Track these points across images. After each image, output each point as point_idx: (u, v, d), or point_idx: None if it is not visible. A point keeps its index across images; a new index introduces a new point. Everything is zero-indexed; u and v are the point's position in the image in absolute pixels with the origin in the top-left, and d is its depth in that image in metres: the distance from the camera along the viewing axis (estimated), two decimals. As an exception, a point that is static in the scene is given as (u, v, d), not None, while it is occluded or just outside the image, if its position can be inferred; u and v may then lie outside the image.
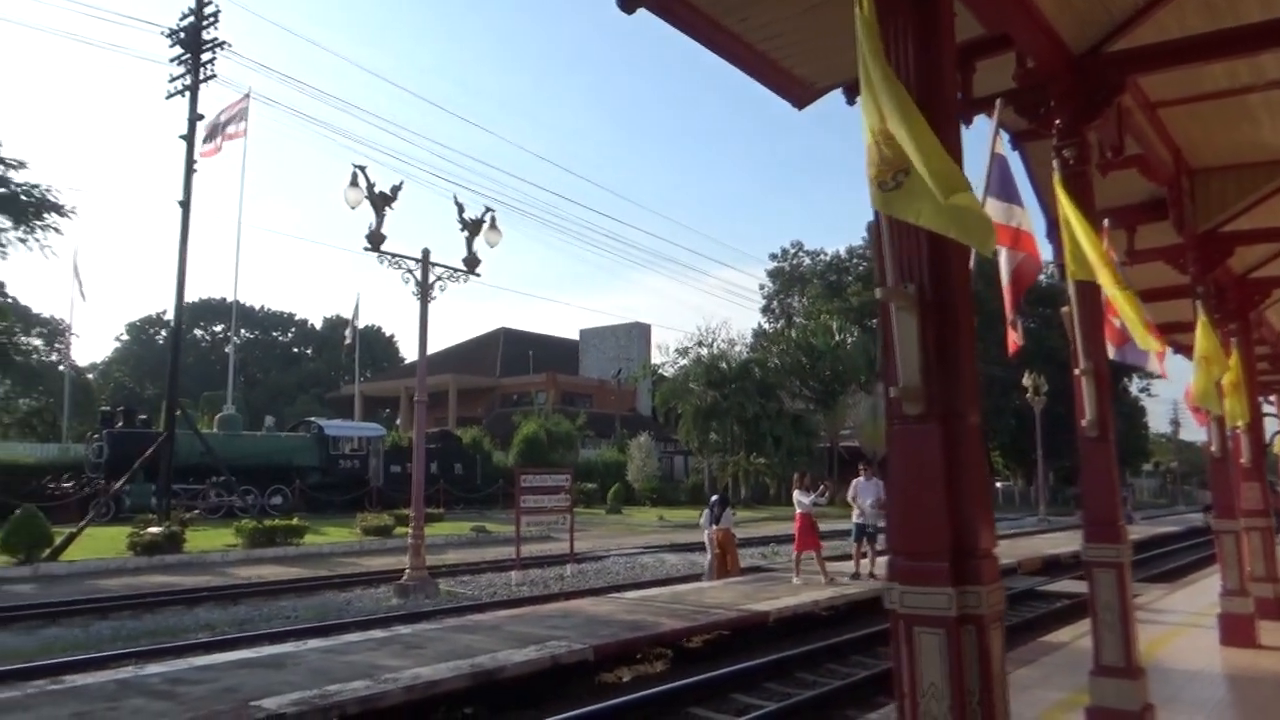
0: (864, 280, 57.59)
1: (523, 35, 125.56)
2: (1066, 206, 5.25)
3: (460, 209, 16.11)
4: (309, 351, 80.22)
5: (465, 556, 20.46)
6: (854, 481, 14.83)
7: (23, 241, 28.14)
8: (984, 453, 3.65)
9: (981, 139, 5.19)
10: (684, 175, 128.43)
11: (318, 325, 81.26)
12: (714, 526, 14.91)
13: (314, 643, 9.55)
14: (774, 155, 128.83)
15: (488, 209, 16.38)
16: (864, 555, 14.31)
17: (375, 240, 14.66)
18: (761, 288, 69.02)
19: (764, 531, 25.81)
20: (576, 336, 68.00)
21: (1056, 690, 6.76)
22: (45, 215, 28.42)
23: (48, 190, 28.33)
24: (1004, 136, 5.53)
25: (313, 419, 37.69)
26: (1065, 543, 21.04)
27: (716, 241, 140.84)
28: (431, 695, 7.54)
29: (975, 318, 3.74)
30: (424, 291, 15.46)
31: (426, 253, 15.57)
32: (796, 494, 14.58)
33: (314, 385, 70.30)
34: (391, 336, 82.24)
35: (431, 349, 16.46)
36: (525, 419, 44.30)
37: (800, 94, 5.62)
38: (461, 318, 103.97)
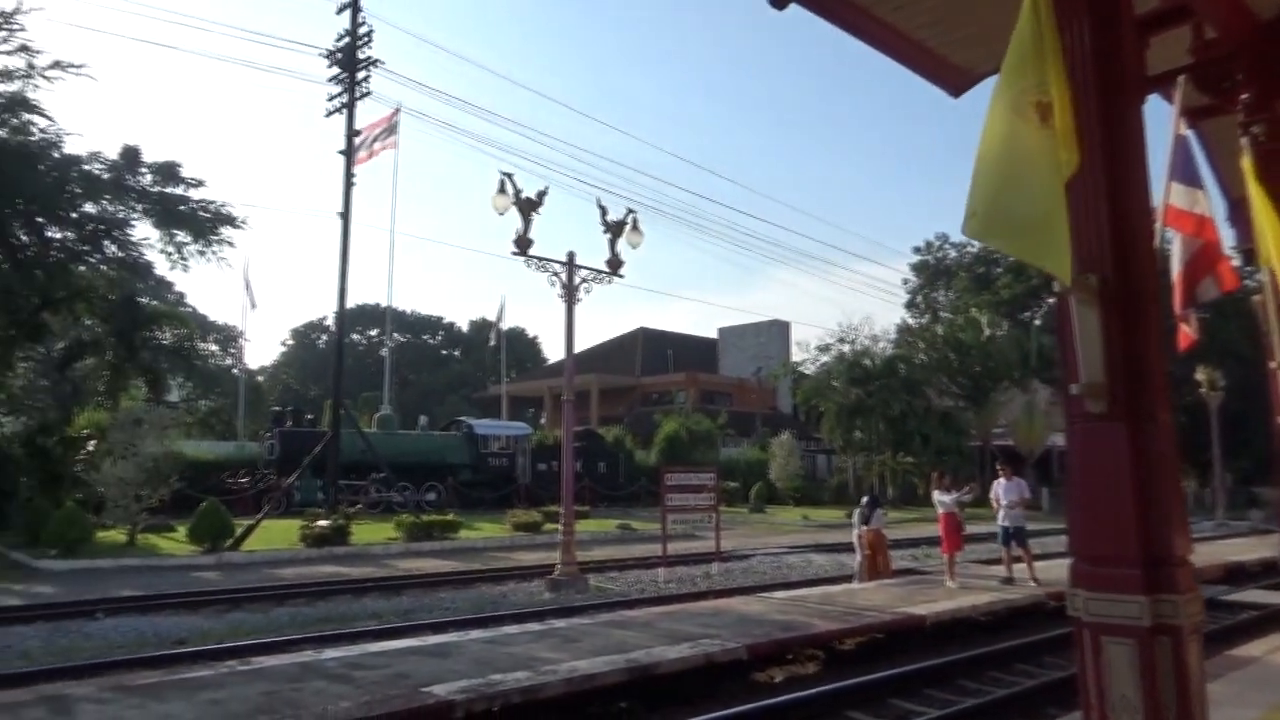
0: (1014, 273, 55.05)
1: (659, 34, 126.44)
2: (1255, 188, 4.86)
3: (603, 212, 16.35)
4: (457, 353, 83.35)
5: (612, 553, 20.79)
6: (995, 483, 14.21)
7: (201, 254, 30.45)
8: (1176, 453, 3.43)
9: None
10: (821, 167, 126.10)
11: (464, 328, 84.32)
12: (864, 527, 14.60)
13: (475, 633, 9.92)
14: (914, 143, 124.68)
15: (629, 210, 16.58)
16: (1016, 559, 13.69)
17: (523, 244, 15.08)
18: (905, 282, 67.15)
19: (914, 533, 25.07)
20: (715, 335, 67.94)
21: (1250, 708, 6.27)
22: (220, 229, 30.65)
23: (222, 206, 30.59)
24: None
25: (463, 418, 39.19)
26: (1249, 549, 19.50)
27: (856, 235, 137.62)
28: (588, 689, 7.71)
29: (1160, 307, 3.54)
30: (570, 294, 15.79)
31: (572, 255, 15.91)
32: (936, 494, 14.14)
33: (462, 386, 73.01)
34: (534, 338, 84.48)
35: (575, 349, 16.79)
36: (666, 418, 44.60)
37: (958, 81, 5.44)
38: (600, 318, 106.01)
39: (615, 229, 16.28)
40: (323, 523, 20.57)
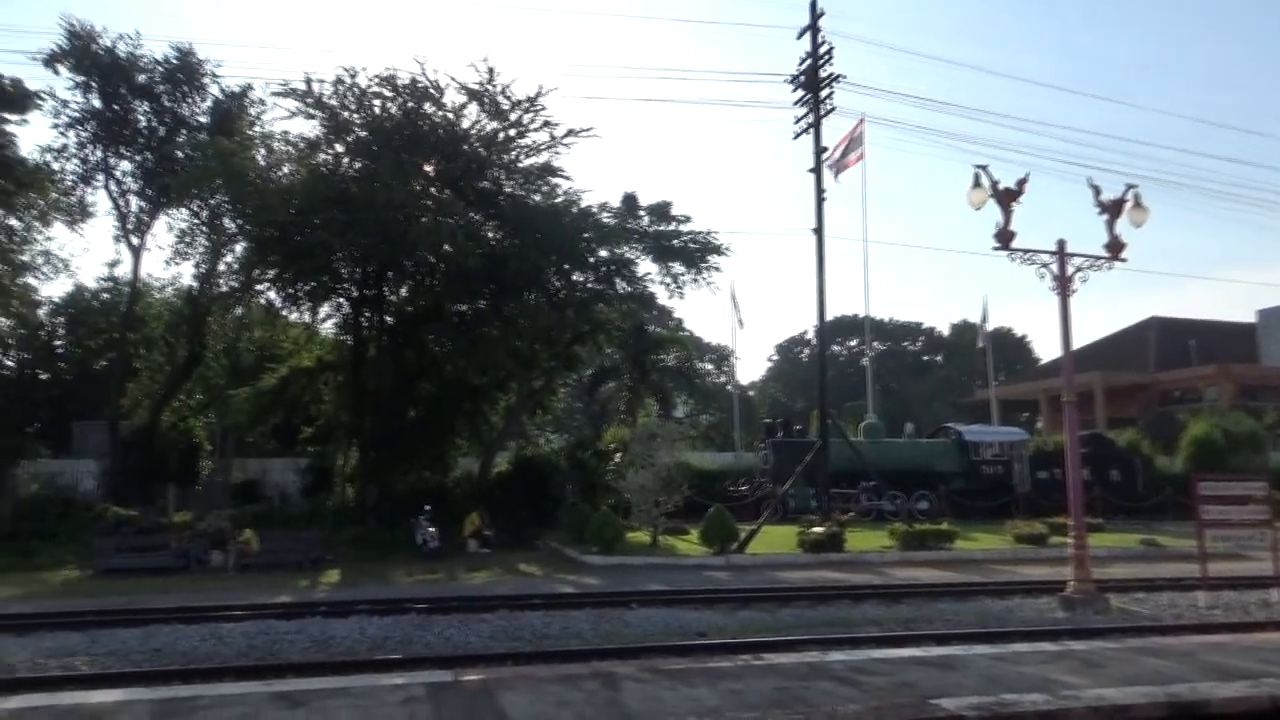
0: None
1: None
2: None
3: (1096, 191, 14.76)
4: (939, 359, 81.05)
5: (1134, 571, 18.51)
6: None
7: (694, 282, 33.49)
8: None
9: None
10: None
11: (945, 332, 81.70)
12: None
13: (979, 648, 9.44)
14: None
15: (1129, 186, 14.74)
16: None
17: (1004, 238, 14.18)
18: None
19: None
20: (1253, 319, 57.35)
21: None
22: (709, 258, 33.43)
23: (709, 236, 33.34)
24: None
25: (950, 425, 37.87)
26: None
27: None
28: (1119, 720, 6.88)
29: None
30: (1063, 285, 14.45)
31: (1062, 244, 14.55)
32: None
33: (946, 392, 70.71)
34: (1023, 337, 78.96)
35: (1072, 345, 15.27)
36: (1193, 418, 38.65)
37: None
38: (1100, 311, 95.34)
39: (1112, 209, 14.61)
40: (817, 529, 21.26)
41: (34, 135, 39.07)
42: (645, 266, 29.88)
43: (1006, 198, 14.26)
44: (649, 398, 32.93)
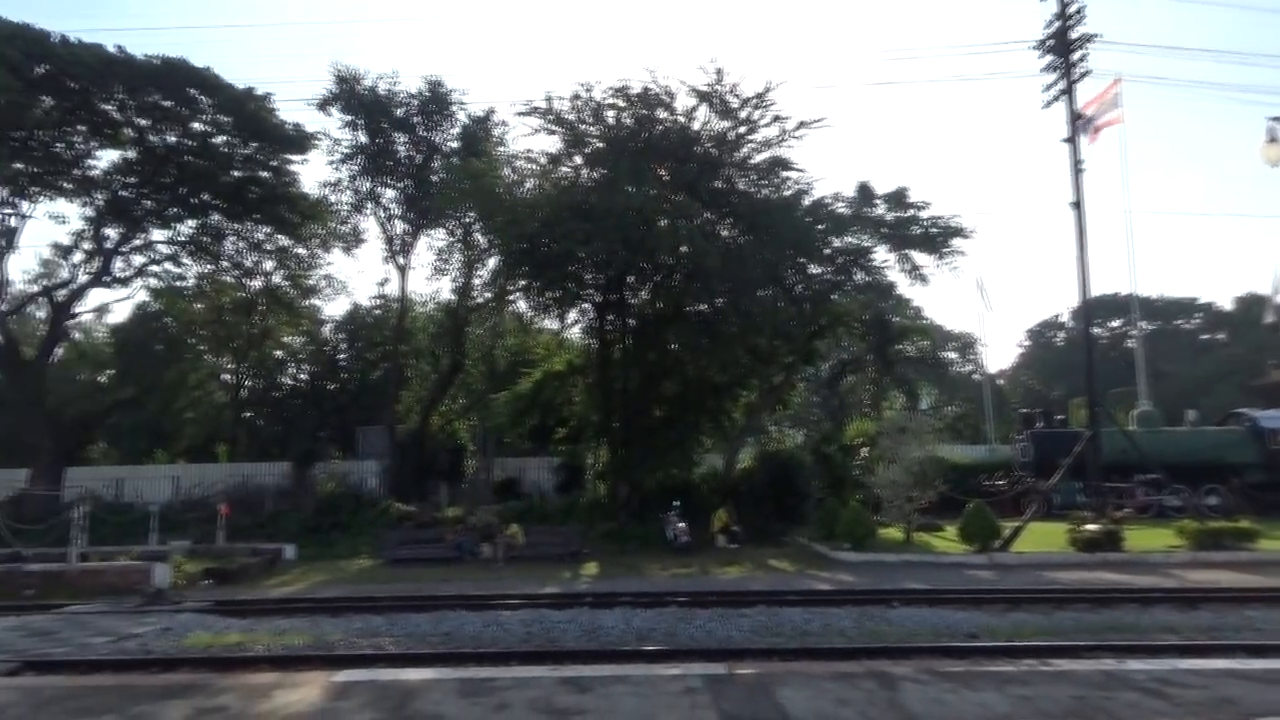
0: None
1: None
2: None
3: None
4: (1221, 337, 72.59)
5: None
6: None
7: (936, 268, 32.02)
8: None
9: None
10: None
11: (1228, 307, 73.09)
12: None
13: (1310, 662, 8.35)
14: None
15: None
16: None
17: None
18: None
19: None
20: None
21: None
22: (950, 242, 31.86)
23: (950, 220, 31.77)
24: None
25: (1243, 410, 33.79)
26: None
27: None
28: None
29: None
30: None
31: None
32: None
33: (1231, 373, 63.14)
34: (1325, 308, 69.06)
35: None
36: None
37: None
38: None
39: None
40: (1091, 527, 19.67)
41: (312, 172, 43.92)
42: (882, 255, 29.00)
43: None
44: (893, 390, 31.84)
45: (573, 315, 29.03)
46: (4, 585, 17.14)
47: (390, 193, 35.05)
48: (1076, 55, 26.35)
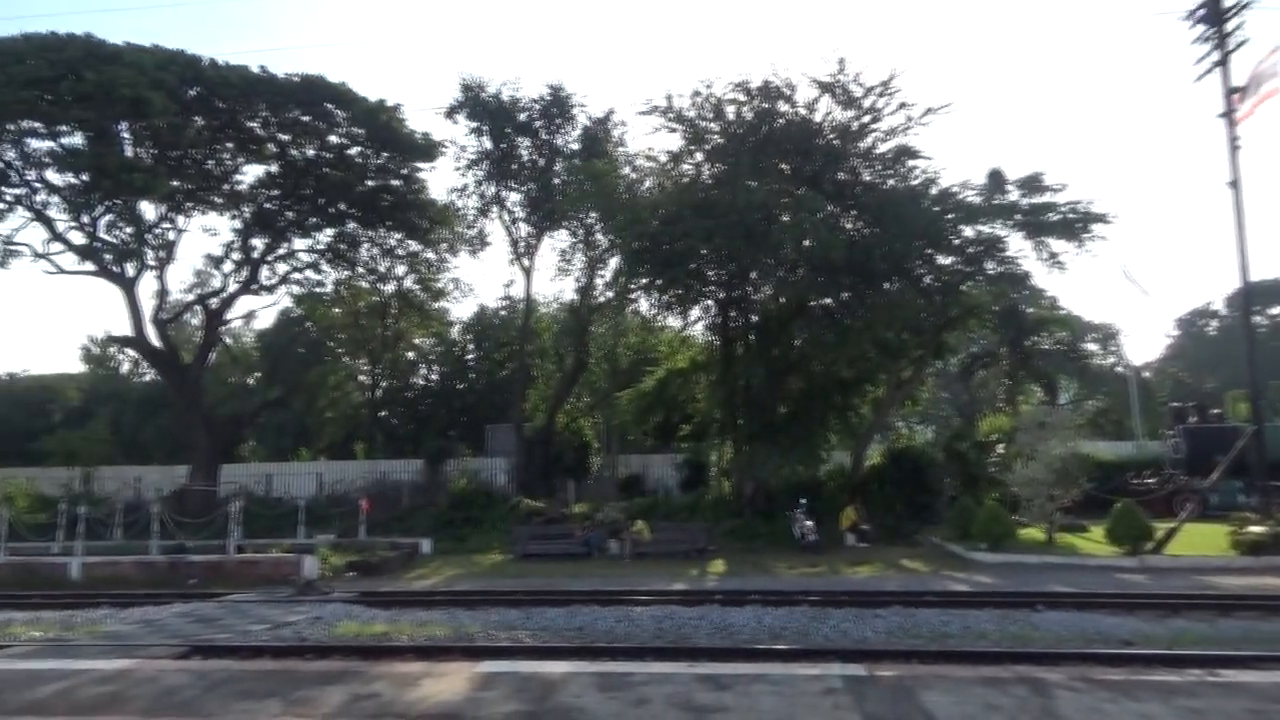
0: None
1: None
2: None
3: None
4: (1402, 322, 66.49)
5: None
6: None
7: (1076, 255, 30.43)
8: None
9: None
10: None
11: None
12: None
13: None
14: None
15: None
16: None
17: None
18: None
19: None
20: None
21: None
22: (1090, 228, 30.23)
23: (1089, 204, 30.13)
24: None
25: None
26: None
27: None
28: None
29: None
30: None
31: None
32: None
33: None
34: None
35: None
36: None
37: None
38: None
39: None
40: (1256, 528, 18.32)
41: (440, 179, 45.37)
42: (1017, 244, 27.80)
43: None
44: (1029, 384, 30.46)
45: (695, 313, 28.99)
46: (172, 574, 18.48)
47: (514, 196, 35.84)
48: (1232, 24, 24.61)
